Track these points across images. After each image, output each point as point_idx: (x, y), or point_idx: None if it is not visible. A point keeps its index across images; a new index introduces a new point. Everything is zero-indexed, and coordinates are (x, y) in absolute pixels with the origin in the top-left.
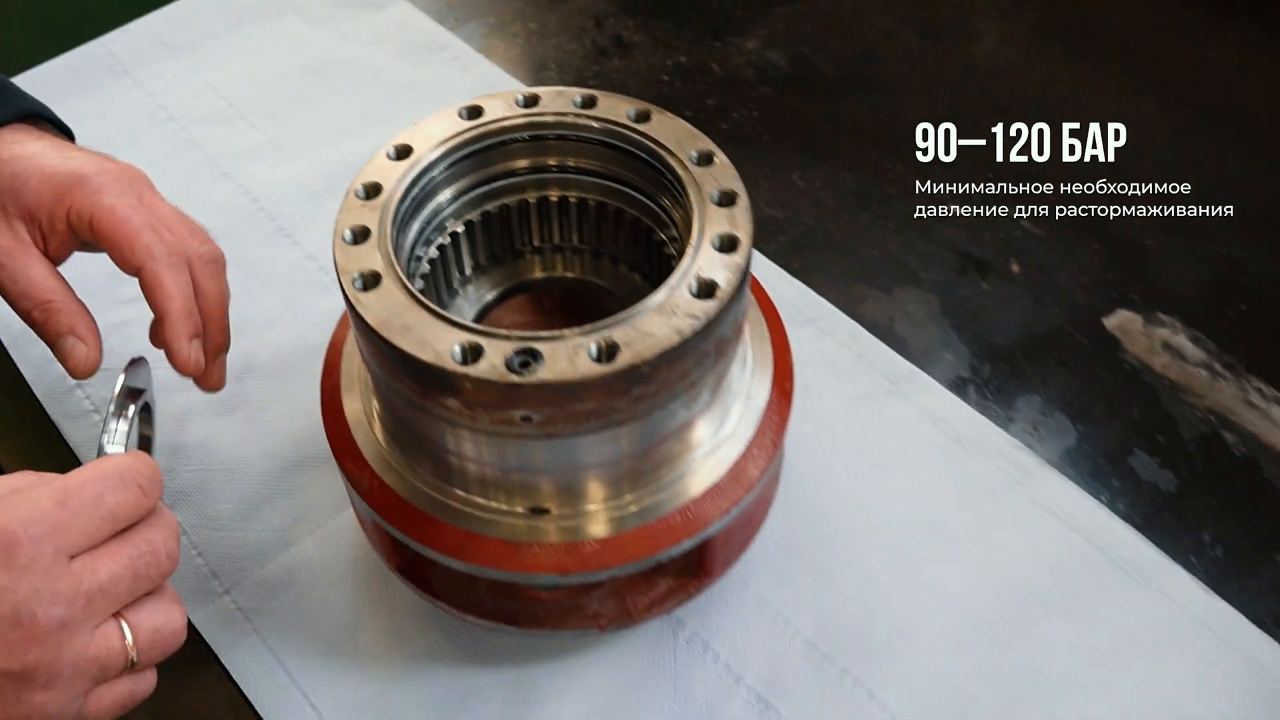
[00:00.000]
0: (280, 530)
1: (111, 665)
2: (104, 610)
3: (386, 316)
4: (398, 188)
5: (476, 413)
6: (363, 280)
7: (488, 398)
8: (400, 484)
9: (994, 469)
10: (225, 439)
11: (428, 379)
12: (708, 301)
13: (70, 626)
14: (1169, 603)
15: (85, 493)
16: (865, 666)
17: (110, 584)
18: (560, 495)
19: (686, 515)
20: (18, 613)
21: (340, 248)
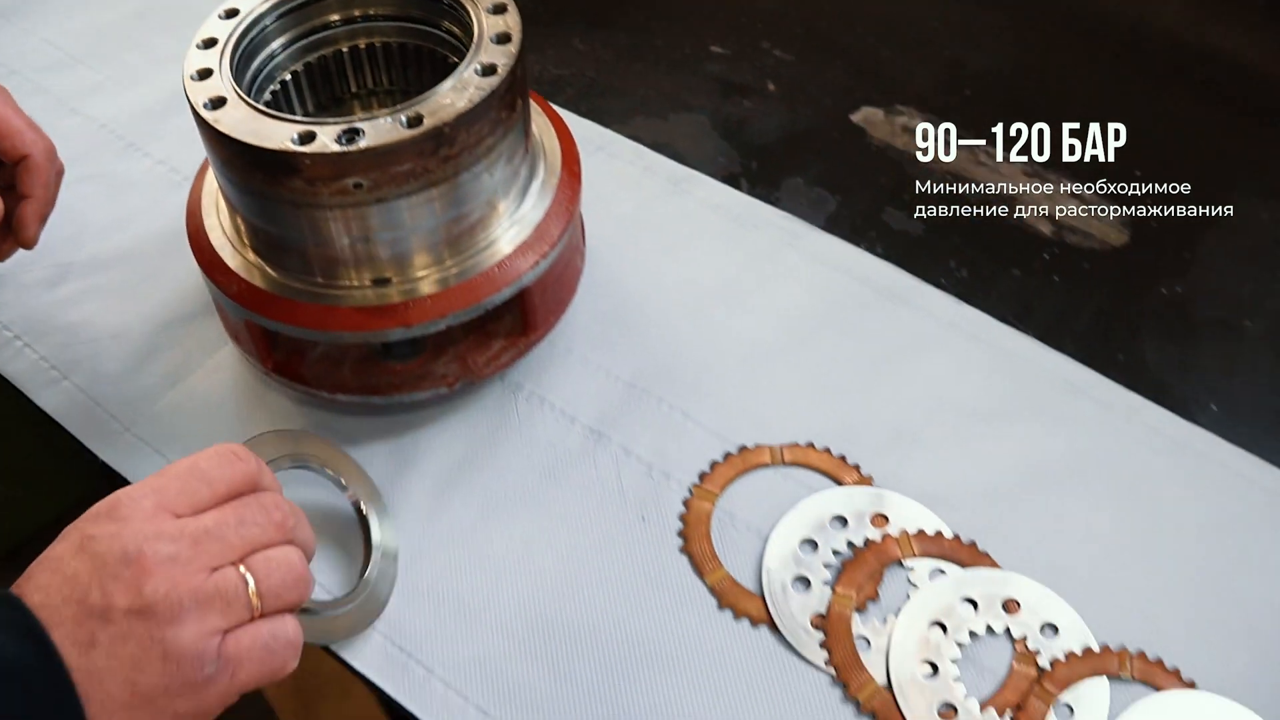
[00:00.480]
0: (167, 375)
1: (236, 603)
2: (215, 552)
3: (234, 123)
4: (229, 40)
5: (317, 188)
6: (211, 103)
7: (324, 170)
8: (265, 281)
9: (769, 236)
10: (108, 316)
11: (274, 165)
12: (491, 78)
13: (180, 561)
14: (925, 314)
15: (180, 464)
16: (677, 395)
17: (216, 528)
18: (396, 264)
19: (503, 268)
20: (125, 552)
21: (189, 85)
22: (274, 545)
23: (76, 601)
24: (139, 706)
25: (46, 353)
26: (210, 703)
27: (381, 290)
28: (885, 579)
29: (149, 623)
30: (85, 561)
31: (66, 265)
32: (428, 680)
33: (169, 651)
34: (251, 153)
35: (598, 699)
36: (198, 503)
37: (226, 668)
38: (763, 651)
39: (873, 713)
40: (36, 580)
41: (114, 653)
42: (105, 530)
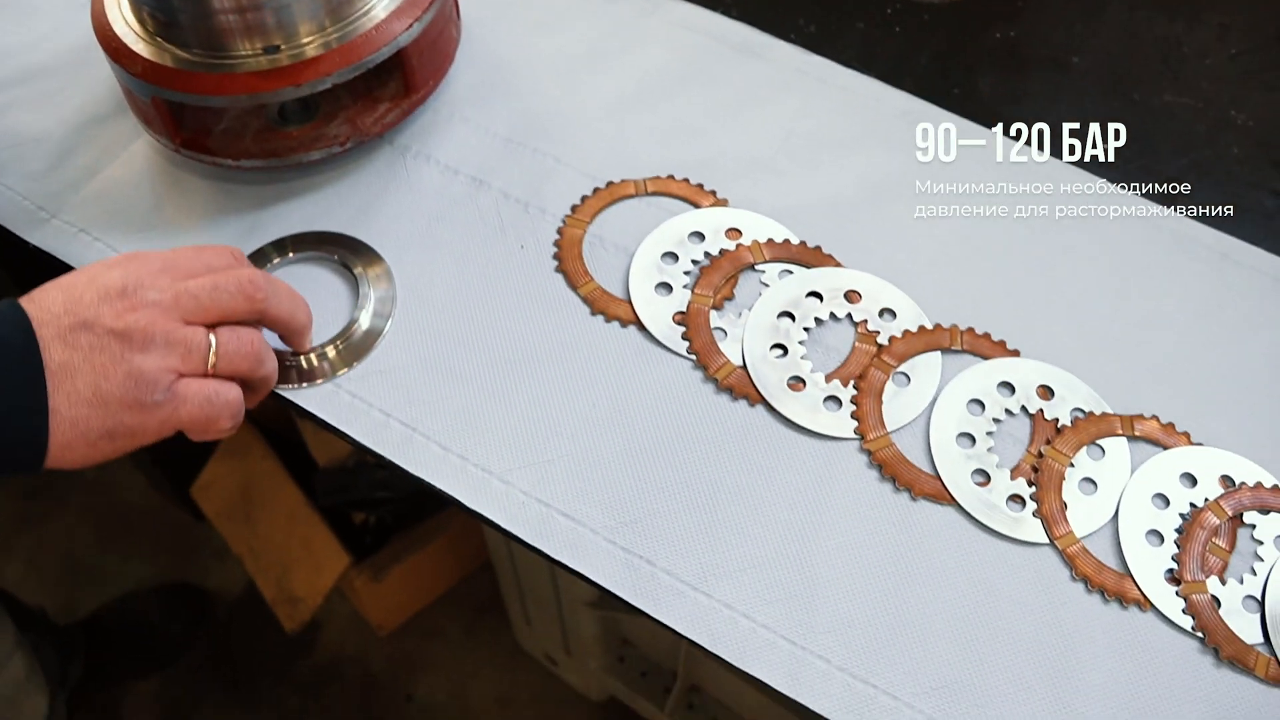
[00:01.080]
0: (86, 167)
1: (195, 355)
2: (190, 309)
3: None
4: None
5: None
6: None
7: None
8: (166, 58)
9: (631, 7)
10: (29, 123)
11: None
12: None
13: (162, 306)
14: (776, 65)
15: (188, 248)
16: (549, 144)
17: (197, 289)
18: (282, 31)
19: (380, 30)
20: (125, 286)
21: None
22: (245, 320)
23: (72, 313)
24: (96, 405)
25: None
26: (150, 425)
27: (272, 57)
28: (740, 282)
29: (123, 344)
30: (92, 289)
31: None
32: (351, 401)
33: (131, 371)
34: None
35: (491, 397)
36: (194, 272)
37: (171, 401)
38: (632, 347)
39: (730, 388)
40: (48, 292)
41: (89, 358)
42: (115, 272)
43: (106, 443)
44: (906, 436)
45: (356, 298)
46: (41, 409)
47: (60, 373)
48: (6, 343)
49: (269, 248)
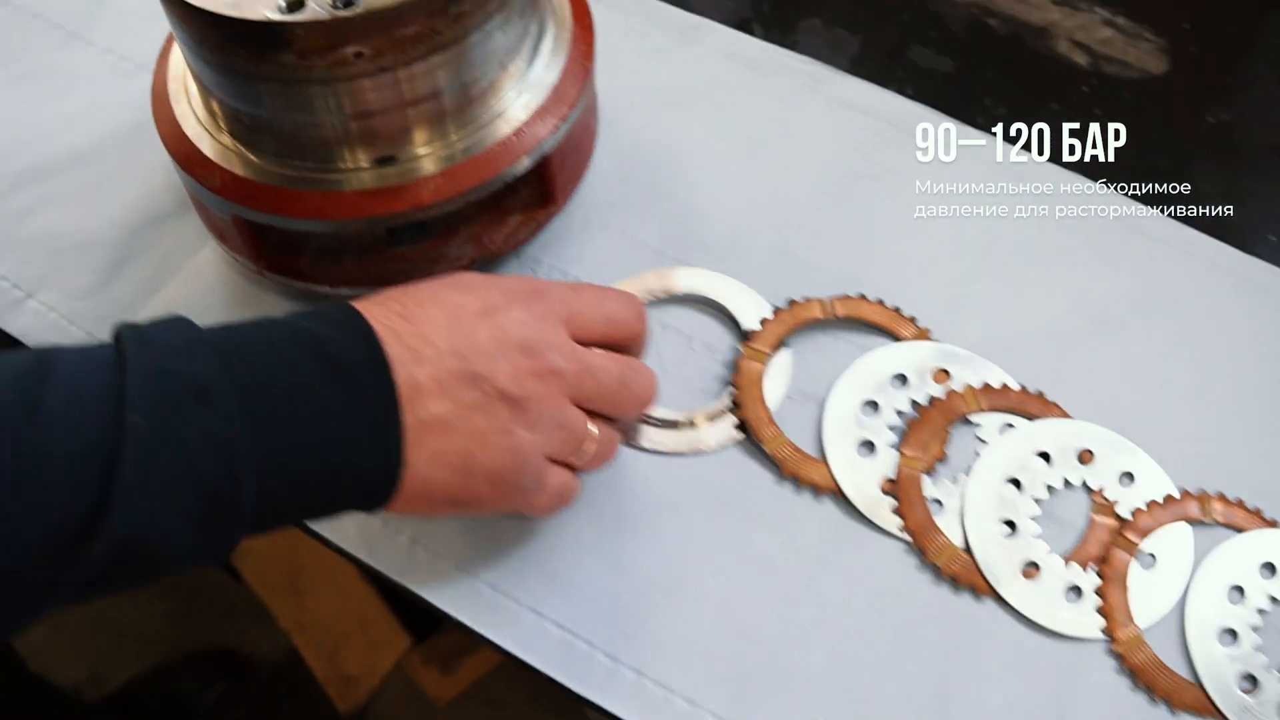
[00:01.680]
0: (143, 283)
1: (572, 443)
2: (588, 393)
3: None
4: None
5: (311, 61)
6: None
7: (319, 41)
8: (251, 169)
9: (790, 83)
10: (67, 224)
11: (258, 39)
12: None
13: (564, 380)
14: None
15: (592, 290)
16: (710, 258)
17: (604, 376)
18: (400, 139)
19: (520, 135)
20: (529, 339)
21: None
22: (624, 416)
23: (460, 355)
24: (459, 472)
25: (6, 270)
26: (501, 503)
27: (384, 170)
28: (953, 437)
29: (513, 412)
30: (487, 331)
31: (15, 174)
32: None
33: (514, 446)
34: (229, 27)
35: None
36: (592, 333)
37: (533, 488)
38: (832, 524)
39: (953, 576)
40: (425, 310)
41: (467, 418)
42: (516, 316)
43: (449, 508)
44: (1158, 633)
45: None
46: (393, 465)
47: (429, 428)
48: (358, 382)
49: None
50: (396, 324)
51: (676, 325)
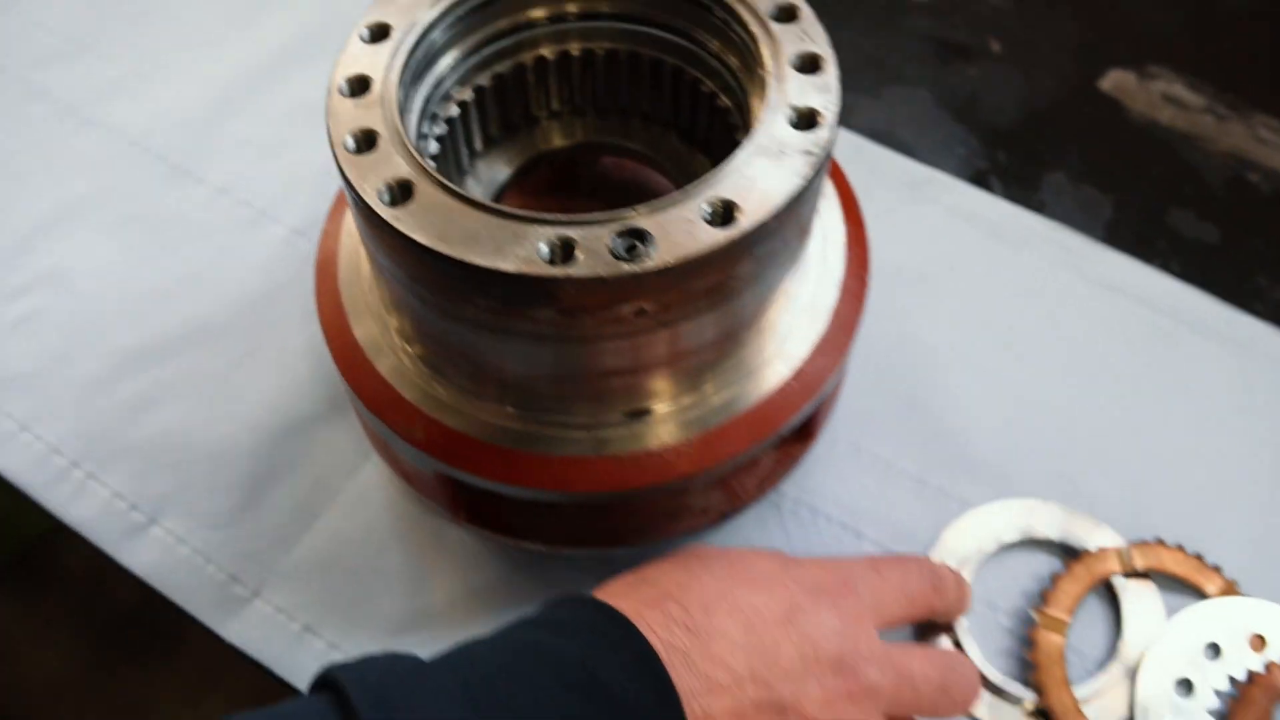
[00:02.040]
0: (295, 509)
1: None
2: (902, 701)
3: (440, 229)
4: (389, 74)
5: (576, 319)
6: (391, 192)
7: (594, 299)
8: (463, 420)
9: (1041, 256)
10: (192, 423)
11: (513, 293)
12: (815, 132)
13: (880, 697)
14: (1248, 351)
15: (893, 567)
16: (979, 489)
17: (920, 679)
18: (665, 390)
19: (802, 379)
20: (842, 652)
21: (346, 160)
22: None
23: (761, 680)
24: None
25: (121, 486)
26: None
27: (638, 428)
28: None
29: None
30: (794, 642)
31: (126, 354)
32: None
33: None
34: (475, 276)
35: None
36: (894, 616)
37: None
38: None
39: None
40: (715, 621)
41: None
42: (826, 620)
43: None
44: None
45: None
46: None
47: None
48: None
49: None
50: (681, 640)
51: None
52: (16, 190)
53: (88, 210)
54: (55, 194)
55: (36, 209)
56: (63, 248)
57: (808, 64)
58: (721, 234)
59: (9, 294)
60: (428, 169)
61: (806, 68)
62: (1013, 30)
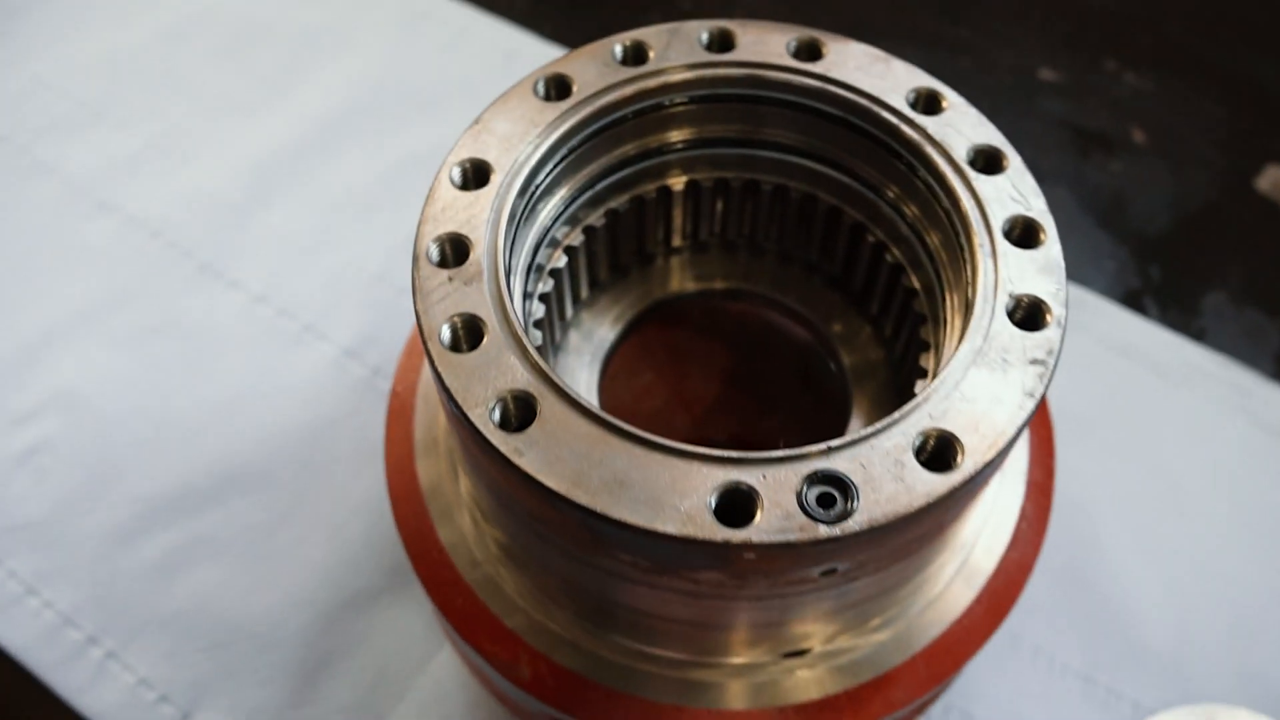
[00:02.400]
0: (356, 707)
1: None
2: None
3: (577, 468)
4: (493, 233)
5: (749, 581)
6: (506, 411)
7: (777, 563)
8: (579, 659)
9: (1207, 396)
10: (232, 591)
11: (673, 556)
12: (1045, 333)
13: None
14: None
15: None
16: (1155, 689)
17: None
18: (823, 632)
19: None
20: None
21: (445, 363)
22: None
23: None
24: None
25: (148, 671)
26: None
27: (790, 667)
28: None
29: None
30: None
31: (145, 498)
32: None
33: None
34: (622, 533)
35: None
36: None
37: None
38: None
39: None
40: None
41: None
42: None
43: None
44: None
45: None
46: None
47: None
48: None
49: None
50: None
51: None
52: (20, 287)
53: (102, 315)
54: (65, 293)
55: (44, 312)
56: (73, 362)
57: (1024, 234)
58: (940, 481)
59: (15, 419)
60: (553, 377)
61: (1022, 239)
62: (1155, 115)
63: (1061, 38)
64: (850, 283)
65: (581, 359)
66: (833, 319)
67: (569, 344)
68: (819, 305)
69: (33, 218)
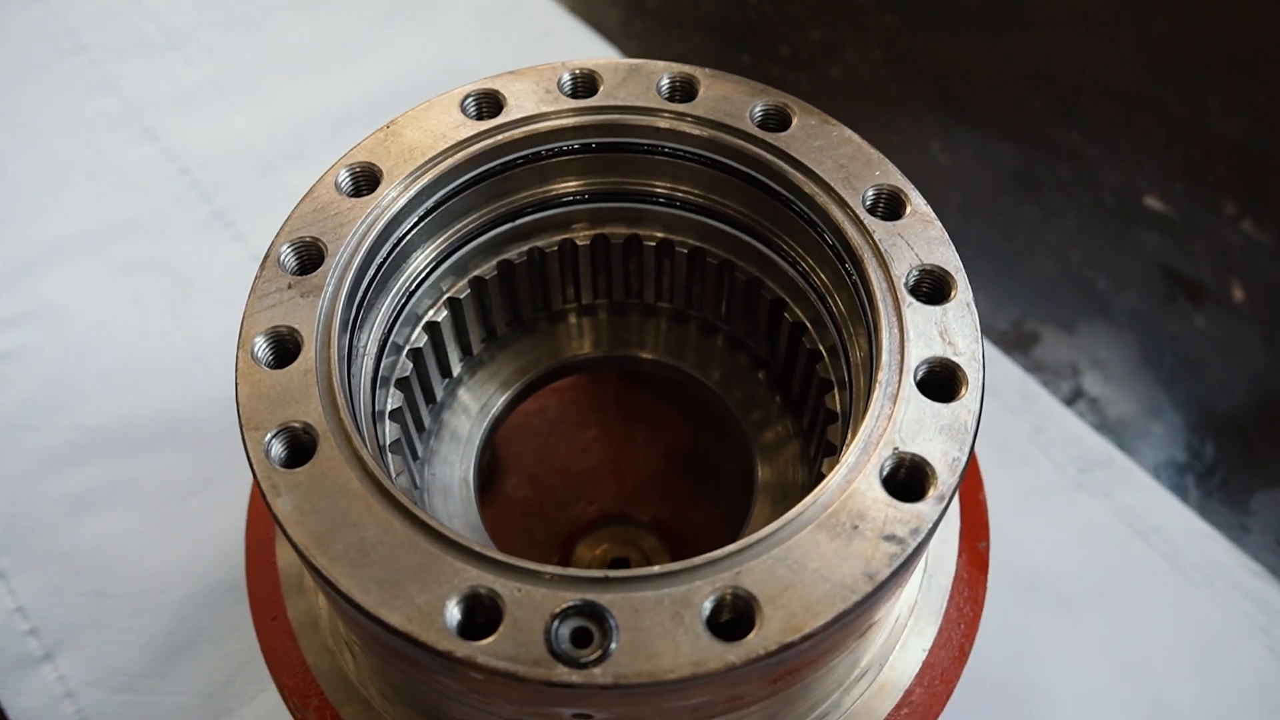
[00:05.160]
0: (206, 694)
1: None
2: None
3: (328, 523)
4: (351, 255)
5: (492, 702)
6: (283, 443)
7: (512, 692)
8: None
9: (1225, 608)
10: (133, 543)
11: (409, 652)
12: (917, 505)
13: None
14: None
15: None
16: None
17: None
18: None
19: None
20: None
21: (245, 374)
22: None
23: None
24: None
25: (28, 600)
26: None
27: None
28: None
29: None
30: None
31: (88, 428)
32: None
33: None
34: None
35: None
36: None
37: None
38: None
39: None
40: None
41: None
42: None
43: None
44: None
45: None
46: None
47: None
48: None
49: None
50: None
51: None
52: (45, 196)
53: (109, 239)
54: (84, 210)
55: (58, 224)
56: (68, 277)
57: (939, 377)
58: (722, 651)
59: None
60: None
61: (937, 387)
62: (1266, 275)
63: (1181, 166)
64: (767, 352)
65: (469, 416)
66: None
67: (454, 404)
68: (733, 375)
69: (81, 131)
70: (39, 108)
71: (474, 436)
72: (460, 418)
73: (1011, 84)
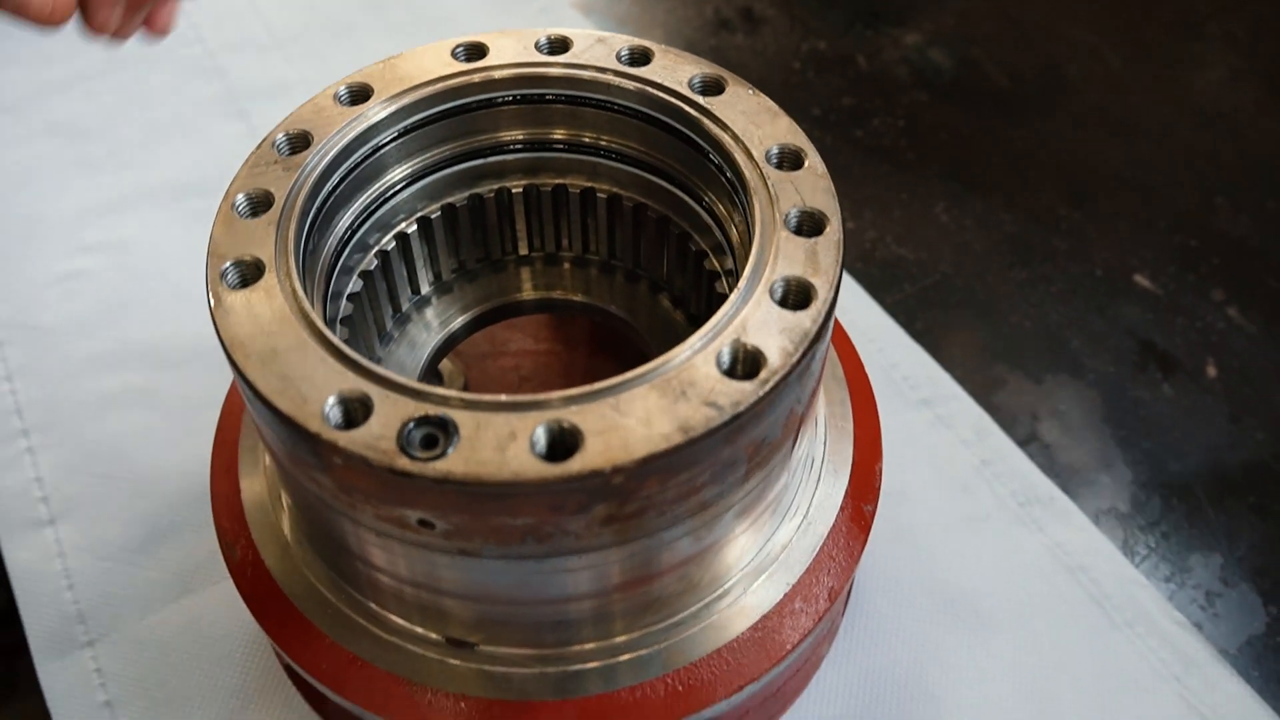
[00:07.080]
0: (177, 574)
1: None
2: None
3: (250, 332)
4: (330, 145)
5: (354, 500)
6: (237, 271)
7: (365, 483)
8: (284, 568)
9: (1143, 652)
10: (147, 440)
11: (291, 438)
12: (745, 384)
13: None
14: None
15: None
16: None
17: None
18: (489, 629)
19: (674, 687)
20: None
21: (224, 219)
22: None
23: None
24: None
25: (46, 472)
26: None
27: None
28: None
29: None
30: None
31: (131, 342)
32: None
33: None
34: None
35: None
36: None
37: None
38: None
39: None
40: None
41: None
42: None
43: None
44: None
45: None
46: None
47: None
48: None
49: None
50: None
51: None
52: (144, 151)
53: (186, 195)
54: (171, 164)
55: (147, 174)
56: (144, 218)
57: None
58: (541, 467)
59: (80, 247)
60: (292, 262)
61: (792, 299)
62: (1242, 358)
63: (1177, 252)
64: (693, 303)
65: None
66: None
67: (406, 336)
68: (658, 321)
69: (185, 107)
70: (157, 84)
71: (428, 343)
72: (419, 329)
73: (1025, 164)
